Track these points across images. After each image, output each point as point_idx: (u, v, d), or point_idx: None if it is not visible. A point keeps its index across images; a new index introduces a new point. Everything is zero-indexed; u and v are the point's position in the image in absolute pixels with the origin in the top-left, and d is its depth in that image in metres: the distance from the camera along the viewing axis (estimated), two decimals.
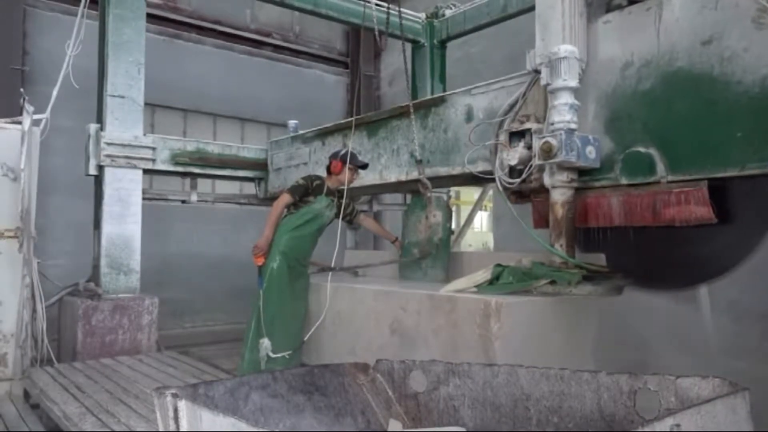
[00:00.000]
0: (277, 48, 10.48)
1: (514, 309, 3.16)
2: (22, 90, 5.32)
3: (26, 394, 4.61)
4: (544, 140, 3.23)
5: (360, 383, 2.45)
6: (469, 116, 4.14)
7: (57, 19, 8.03)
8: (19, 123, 5.03)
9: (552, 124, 3.28)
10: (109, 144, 5.42)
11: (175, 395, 1.86)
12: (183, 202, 6.27)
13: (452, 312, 3.36)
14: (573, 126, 3.24)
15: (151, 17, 6.63)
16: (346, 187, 4.60)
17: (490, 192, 11.23)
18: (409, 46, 8.01)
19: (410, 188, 6.55)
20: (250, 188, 7.50)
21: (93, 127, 5.49)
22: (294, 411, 2.23)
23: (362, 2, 7.12)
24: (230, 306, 8.76)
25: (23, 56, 7.88)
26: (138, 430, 3.35)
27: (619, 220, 3.23)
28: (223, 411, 1.70)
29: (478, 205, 12.36)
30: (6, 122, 5.19)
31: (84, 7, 5.67)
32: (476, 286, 3.52)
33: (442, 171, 4.31)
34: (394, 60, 10.95)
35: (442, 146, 4.33)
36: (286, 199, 4.44)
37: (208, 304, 9.01)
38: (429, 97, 6.39)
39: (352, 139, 4.90)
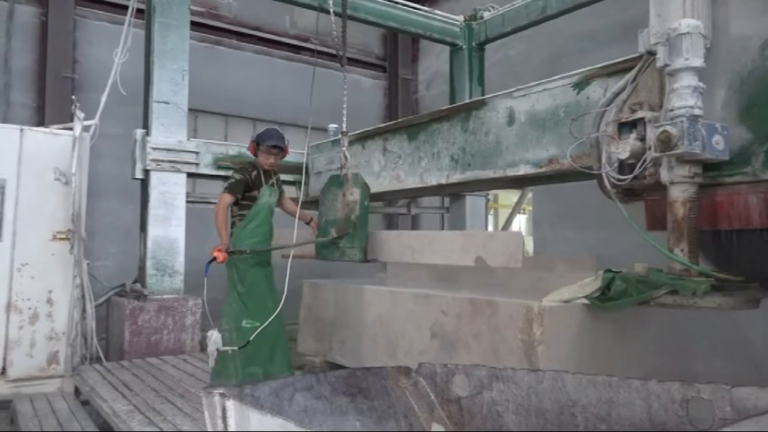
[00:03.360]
0: (315, 53, 10.57)
1: (557, 314, 3.12)
2: (73, 97, 5.50)
3: (77, 391, 4.77)
4: (661, 129, 2.85)
5: (402, 386, 2.45)
6: (510, 119, 4.11)
7: (105, 29, 8.30)
8: (71, 129, 5.21)
9: (671, 110, 2.91)
10: (154, 149, 5.56)
11: (223, 395, 1.90)
12: None
13: (493, 316, 3.33)
14: (697, 112, 2.85)
15: (193, 24, 6.77)
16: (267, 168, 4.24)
17: (529, 195, 11.11)
18: (447, 49, 8.01)
19: (451, 191, 6.55)
20: (289, 192, 7.59)
21: (139, 132, 5.65)
22: (337, 413, 2.24)
23: (400, 6, 7.16)
24: None
25: (73, 65, 8.16)
26: (184, 428, 3.43)
27: (760, 221, 2.85)
28: (270, 411, 1.72)
29: (516, 209, 12.25)
30: (58, 128, 5.39)
31: (131, 16, 5.86)
32: (586, 298, 3.20)
33: (484, 174, 4.28)
34: (432, 63, 10.95)
35: (483, 150, 4.30)
36: (228, 200, 3.99)
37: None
38: (468, 100, 6.37)
39: (394, 143, 4.92)
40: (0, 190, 4.96)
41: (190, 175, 5.83)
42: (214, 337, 3.62)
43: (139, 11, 6.07)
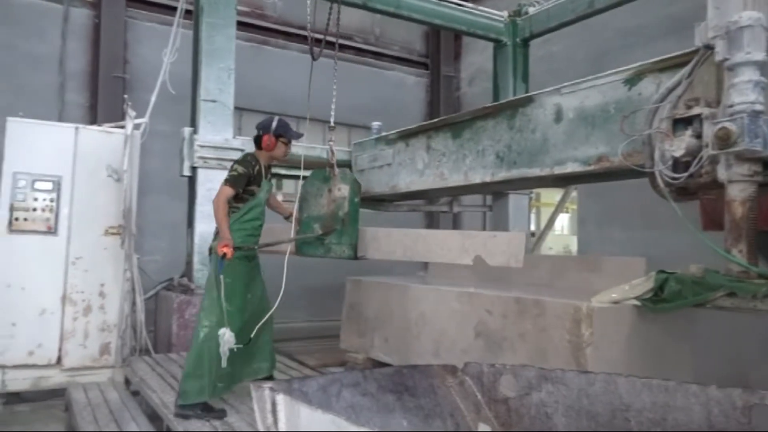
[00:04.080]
0: (358, 51, 10.64)
1: (607, 315, 3.05)
2: (125, 96, 5.67)
3: (127, 381, 4.92)
4: (720, 126, 2.76)
5: (448, 385, 2.43)
6: (558, 116, 4.03)
7: (154, 30, 8.51)
8: (123, 128, 5.37)
9: (730, 106, 2.81)
10: (201, 146, 5.67)
11: (273, 389, 1.92)
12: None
13: (540, 316, 3.28)
14: (758, 107, 2.74)
15: (240, 24, 6.89)
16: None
17: (573, 194, 10.90)
18: (490, 46, 7.92)
19: (495, 190, 6.48)
20: None
21: (187, 130, 5.77)
22: (384, 410, 2.24)
23: (444, 3, 7.12)
24: (308, 304, 8.98)
25: (124, 65, 8.39)
26: (229, 420, 3.49)
27: None
28: (319, 407, 1.73)
29: (560, 207, 12.03)
30: (111, 127, 5.56)
31: (180, 17, 5.99)
32: (637, 299, 3.11)
33: (530, 172, 4.22)
34: (475, 60, 10.86)
35: (529, 147, 4.23)
36: (228, 192, 3.71)
37: (289, 302, 9.24)
38: (512, 97, 6.29)
39: (438, 141, 4.89)
40: (56, 186, 5.15)
41: None
42: (227, 336, 3.49)
43: (188, 12, 6.20)
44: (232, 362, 3.59)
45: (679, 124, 3.13)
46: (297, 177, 6.51)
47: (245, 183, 3.80)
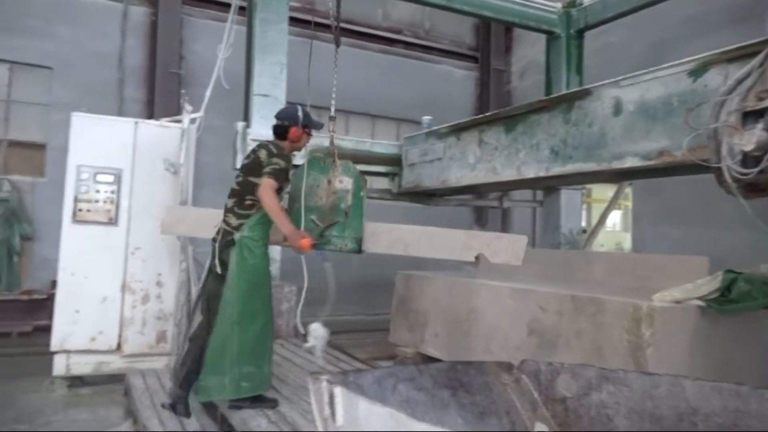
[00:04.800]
0: (407, 45, 10.62)
1: (669, 315, 2.94)
2: (183, 91, 5.81)
3: None
4: None
5: (504, 383, 2.40)
6: (617, 109, 3.91)
7: (209, 26, 8.70)
8: (179, 122, 5.50)
9: None
10: (254, 140, 5.75)
11: (330, 382, 1.93)
12: None
13: (597, 314, 3.19)
14: None
15: (290, 20, 6.96)
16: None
17: (627, 189, 10.58)
18: (542, 38, 7.76)
19: (548, 184, 6.36)
20: (379, 183, 7.67)
21: (240, 124, 5.87)
22: (439, 406, 2.22)
23: None
24: (358, 297, 9.04)
25: (180, 61, 8.61)
26: (281, 410, 3.55)
27: None
28: (378, 401, 1.73)
29: (613, 204, 11.70)
30: (168, 121, 5.71)
31: (234, 13, 6.09)
32: (701, 299, 3.01)
33: (586, 167, 4.11)
34: (526, 53, 10.68)
35: (586, 141, 4.13)
36: (274, 185, 3.45)
37: (339, 295, 9.33)
38: (566, 90, 6.14)
39: (490, 134, 4.82)
40: (116, 179, 5.32)
41: None
42: (320, 331, 3.55)
43: (241, 8, 6.30)
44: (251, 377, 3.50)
45: (750, 117, 3.00)
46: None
47: (285, 178, 3.66)
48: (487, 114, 5.22)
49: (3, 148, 8.27)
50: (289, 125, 3.79)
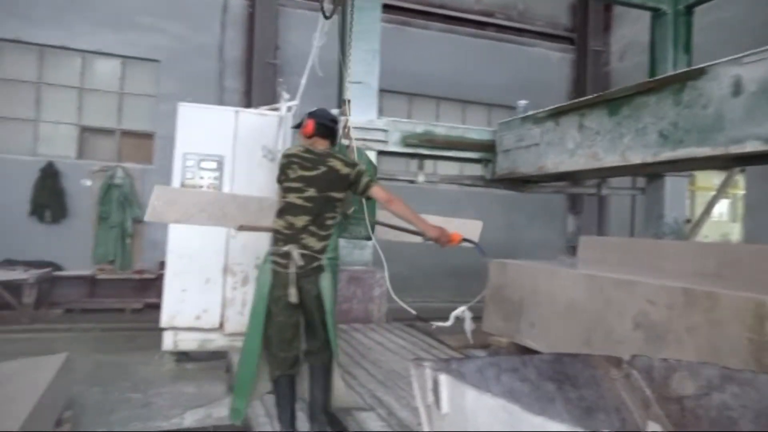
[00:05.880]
0: (500, 28, 10.37)
1: None
2: (281, 80, 5.98)
3: None
4: None
5: (613, 378, 2.28)
6: (736, 89, 3.60)
7: (303, 16, 8.88)
8: (277, 110, 5.66)
9: None
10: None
11: (434, 369, 1.91)
12: (410, 182, 6.52)
13: (713, 310, 2.98)
14: None
15: (383, 6, 6.95)
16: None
17: (736, 177, 9.83)
18: (645, 15, 7.30)
19: (654, 171, 6.02)
20: (470, 169, 7.56)
21: (334, 112, 5.94)
22: (544, 399, 2.15)
23: None
24: (447, 284, 9.00)
25: (275, 51, 8.87)
26: (377, 393, 3.59)
27: None
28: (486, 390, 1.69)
29: (721, 192, 10.92)
30: (266, 110, 5.89)
31: (328, 2, 6.15)
32: None
33: (699, 152, 3.83)
34: (626, 32, 10.13)
35: (699, 124, 3.84)
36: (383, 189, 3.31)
37: (427, 281, 9.36)
38: (672, 71, 5.75)
39: (592, 118, 4.60)
40: (219, 166, 5.56)
41: (379, 152, 6.02)
42: (468, 316, 3.34)
43: None
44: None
45: None
46: (439, 157, 6.54)
47: None
48: (588, 97, 4.98)
49: (117, 138, 8.88)
50: (335, 127, 3.48)
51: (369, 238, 4.18)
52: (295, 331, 3.16)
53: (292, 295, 3.02)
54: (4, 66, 8.34)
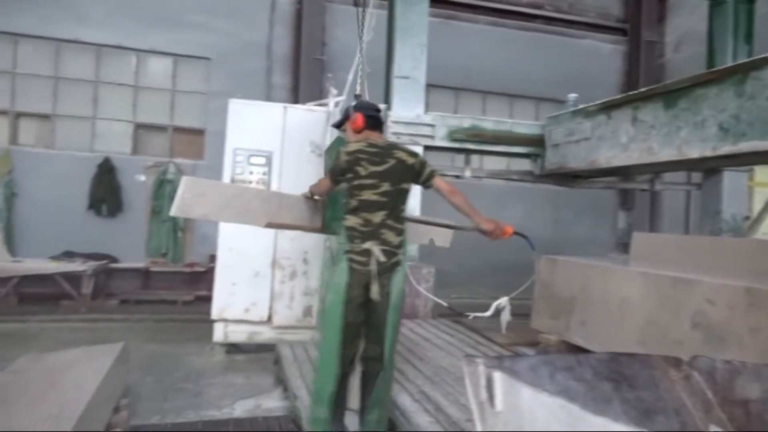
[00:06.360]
0: (549, 20, 10.17)
1: None
2: (329, 75, 6.01)
3: None
4: None
5: (672, 379, 2.21)
6: None
7: (349, 12, 8.89)
8: (324, 106, 5.70)
9: None
10: (395, 122, 5.82)
11: (488, 366, 1.89)
12: (457, 177, 6.47)
13: None
14: None
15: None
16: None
17: None
18: (703, 4, 7.03)
19: (712, 165, 5.81)
20: (518, 164, 7.44)
21: (381, 107, 5.94)
22: (600, 399, 2.10)
23: None
24: (491, 281, 8.91)
25: (322, 47, 8.93)
26: (425, 389, 3.58)
27: None
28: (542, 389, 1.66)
29: None
30: (313, 105, 5.94)
31: None
32: None
33: (763, 145, 3.66)
34: (682, 22, 9.78)
35: (763, 116, 3.67)
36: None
37: (472, 278, 9.29)
38: (732, 62, 5.52)
39: (646, 112, 4.45)
40: (268, 161, 5.64)
41: (426, 147, 6.00)
42: (507, 307, 3.34)
43: None
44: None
45: None
46: (487, 152, 6.46)
47: None
48: (642, 89, 4.83)
49: (169, 134, 9.13)
50: (381, 116, 3.43)
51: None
52: (359, 330, 3.11)
53: (375, 293, 2.97)
54: (64, 66, 8.67)
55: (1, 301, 7.21)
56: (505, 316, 3.35)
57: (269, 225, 3.63)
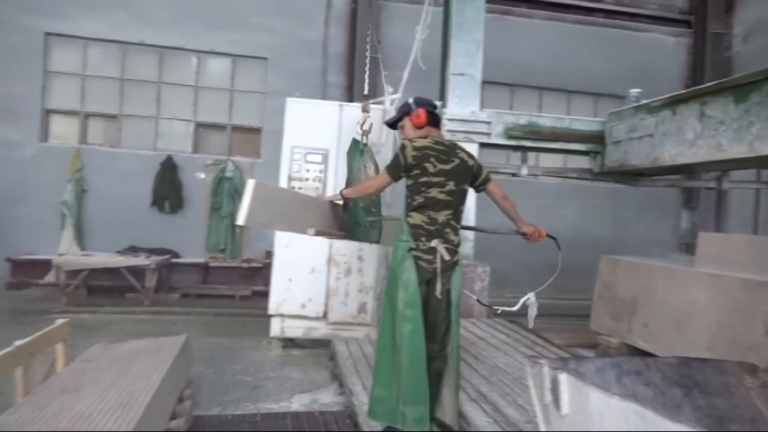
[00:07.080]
0: (609, 13, 9.89)
1: None
2: (386, 73, 6.04)
3: None
4: None
5: (748, 386, 2.12)
6: None
7: (404, 10, 8.92)
8: (380, 104, 5.72)
9: None
10: (450, 119, 5.79)
11: (553, 367, 1.86)
12: (513, 175, 6.37)
13: None
14: None
15: None
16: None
17: None
18: None
19: None
20: (575, 162, 7.27)
21: (439, 104, 5.91)
22: (670, 405, 2.04)
23: None
24: (546, 280, 8.72)
25: (377, 45, 8.95)
26: (482, 389, 3.55)
27: None
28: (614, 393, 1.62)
29: None
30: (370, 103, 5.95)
31: None
32: None
33: None
34: (752, 12, 9.34)
35: None
36: None
37: (528, 277, 9.11)
38: None
39: (715, 106, 4.27)
40: (324, 159, 5.71)
41: (482, 144, 5.94)
42: (534, 302, 3.30)
43: None
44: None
45: None
46: (544, 150, 6.34)
47: None
48: (710, 83, 4.63)
49: (228, 133, 9.37)
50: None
51: (377, 242, 4.13)
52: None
53: (439, 290, 2.97)
54: (131, 67, 9.02)
55: (73, 293, 7.57)
56: (532, 312, 3.31)
57: (318, 233, 3.46)
